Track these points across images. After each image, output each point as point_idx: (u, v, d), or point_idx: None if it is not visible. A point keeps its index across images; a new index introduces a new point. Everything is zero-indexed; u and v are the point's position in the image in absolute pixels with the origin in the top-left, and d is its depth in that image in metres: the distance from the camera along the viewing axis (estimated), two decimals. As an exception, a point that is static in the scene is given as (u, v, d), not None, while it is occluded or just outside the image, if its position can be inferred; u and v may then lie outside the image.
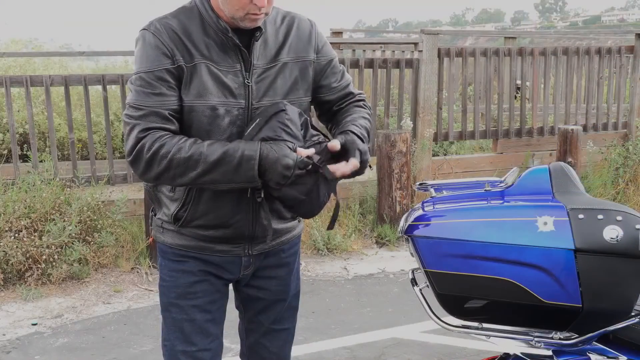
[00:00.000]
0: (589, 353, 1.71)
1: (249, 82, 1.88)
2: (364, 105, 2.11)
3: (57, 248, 4.58)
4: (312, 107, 2.12)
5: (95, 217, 4.87)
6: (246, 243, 2.00)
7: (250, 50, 1.88)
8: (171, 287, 2.02)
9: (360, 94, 2.13)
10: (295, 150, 1.78)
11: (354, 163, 1.85)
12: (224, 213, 1.93)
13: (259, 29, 1.88)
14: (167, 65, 1.83)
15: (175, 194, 1.95)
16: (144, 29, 1.87)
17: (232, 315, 2.16)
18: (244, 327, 2.22)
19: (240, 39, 1.87)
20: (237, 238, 1.98)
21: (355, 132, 1.92)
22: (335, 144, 1.85)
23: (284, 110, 1.84)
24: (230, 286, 2.13)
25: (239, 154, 1.76)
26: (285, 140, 1.79)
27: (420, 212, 1.76)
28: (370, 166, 1.94)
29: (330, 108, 2.10)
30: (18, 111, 6.44)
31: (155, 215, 2.05)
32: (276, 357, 2.20)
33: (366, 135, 1.97)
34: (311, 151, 1.81)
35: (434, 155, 6.76)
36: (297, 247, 2.18)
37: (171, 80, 1.83)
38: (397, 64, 6.40)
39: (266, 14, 1.85)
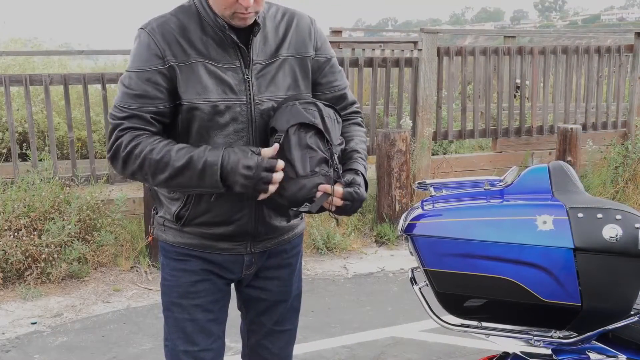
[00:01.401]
0: (588, 352, 1.71)
1: (248, 78, 1.89)
2: (362, 123, 2.13)
3: (56, 247, 4.58)
4: None
5: (94, 216, 4.87)
6: (249, 241, 2.00)
7: (248, 47, 1.89)
8: (173, 287, 2.02)
9: (355, 103, 2.13)
10: (259, 154, 1.78)
11: (340, 202, 1.85)
12: (226, 210, 1.93)
13: (257, 25, 1.88)
14: (158, 66, 1.84)
15: (176, 194, 1.95)
16: (141, 28, 1.89)
17: (231, 314, 2.16)
18: (246, 328, 2.21)
19: (238, 36, 1.88)
20: (239, 235, 1.97)
21: (363, 173, 1.95)
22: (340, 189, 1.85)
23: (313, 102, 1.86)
24: (233, 287, 2.13)
25: (203, 160, 1.79)
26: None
27: (419, 211, 1.76)
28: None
29: None
30: (17, 110, 6.45)
31: (157, 213, 2.05)
32: (277, 358, 2.20)
33: (363, 156, 2.02)
34: (275, 147, 1.79)
35: (433, 154, 6.76)
36: (300, 247, 2.18)
37: (161, 82, 1.85)
38: (396, 62, 6.40)
39: (256, 12, 1.85)
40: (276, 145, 1.79)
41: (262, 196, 1.80)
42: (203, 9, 1.88)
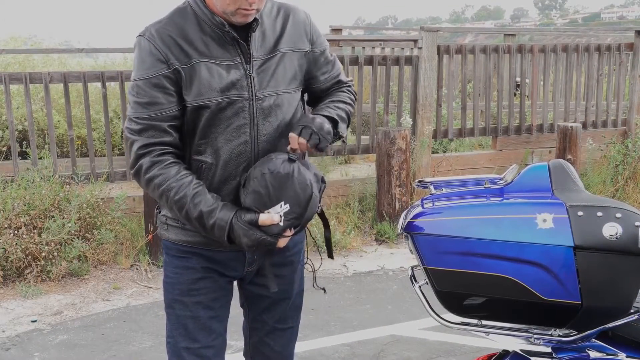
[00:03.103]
0: (588, 350, 1.71)
1: (250, 73, 1.90)
2: (348, 90, 2.16)
3: (56, 245, 4.58)
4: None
5: (94, 214, 4.87)
6: None
7: (248, 43, 1.91)
8: (175, 284, 2.03)
9: (349, 81, 2.19)
10: (256, 224, 1.81)
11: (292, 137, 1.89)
12: None
13: (255, 20, 1.90)
14: (163, 70, 1.85)
15: None
16: (139, 36, 1.90)
17: (232, 312, 2.16)
18: (248, 326, 2.22)
19: (237, 32, 1.89)
20: None
21: (326, 114, 1.98)
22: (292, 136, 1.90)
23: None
24: (235, 285, 2.14)
25: (213, 220, 1.85)
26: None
27: (419, 209, 1.76)
28: (342, 139, 2.01)
29: (321, 95, 2.14)
30: (17, 108, 6.44)
31: (160, 212, 2.06)
32: (280, 355, 2.21)
33: (343, 115, 2.04)
34: (275, 218, 1.82)
35: (433, 153, 6.76)
36: (301, 245, 2.19)
37: (169, 86, 1.86)
38: (396, 61, 6.40)
39: (257, 10, 1.87)
40: (277, 217, 1.84)
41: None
42: (199, 8, 1.90)
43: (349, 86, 2.18)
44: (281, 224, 1.82)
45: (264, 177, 1.83)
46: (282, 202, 1.83)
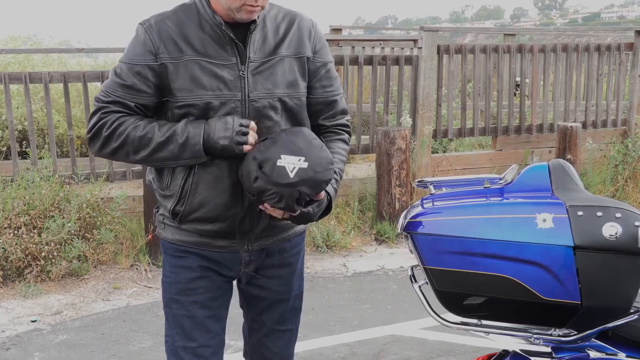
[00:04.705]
0: (587, 350, 1.71)
1: (243, 74, 1.90)
2: (348, 140, 2.13)
3: (56, 245, 4.58)
4: None
5: (94, 214, 4.87)
6: (245, 238, 2.00)
7: (245, 44, 1.91)
8: (172, 283, 2.04)
9: (345, 113, 2.13)
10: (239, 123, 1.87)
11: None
12: (220, 206, 1.94)
13: (253, 21, 1.90)
14: (150, 61, 1.88)
15: (170, 190, 1.96)
16: (140, 23, 1.94)
17: (232, 312, 2.16)
18: (247, 327, 2.22)
19: (235, 33, 1.90)
20: (234, 232, 1.98)
21: (331, 195, 1.98)
22: None
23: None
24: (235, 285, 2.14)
25: (186, 132, 1.86)
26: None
27: (419, 209, 1.76)
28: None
29: (316, 115, 2.07)
30: (17, 108, 6.44)
31: (158, 211, 2.07)
32: (278, 357, 2.21)
33: (338, 178, 2.04)
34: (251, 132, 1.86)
35: (433, 152, 6.76)
36: (301, 247, 2.18)
37: (150, 78, 1.89)
38: (396, 60, 6.40)
39: (262, 7, 1.88)
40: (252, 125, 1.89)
41: (245, 148, 1.85)
42: (202, 6, 1.92)
43: (348, 127, 2.13)
44: (291, 175, 1.80)
45: (304, 134, 1.87)
46: (303, 158, 1.82)
